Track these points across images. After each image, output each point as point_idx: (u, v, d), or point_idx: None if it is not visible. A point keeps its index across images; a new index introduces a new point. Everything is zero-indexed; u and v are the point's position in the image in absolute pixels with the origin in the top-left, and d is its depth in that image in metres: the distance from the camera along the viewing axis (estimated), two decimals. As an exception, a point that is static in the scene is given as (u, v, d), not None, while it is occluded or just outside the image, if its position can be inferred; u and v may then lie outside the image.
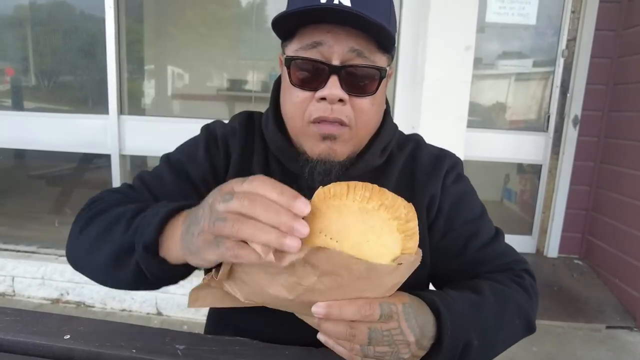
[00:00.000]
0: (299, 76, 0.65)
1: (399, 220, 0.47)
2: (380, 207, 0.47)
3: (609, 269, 2.74)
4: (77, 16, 2.62)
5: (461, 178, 0.78)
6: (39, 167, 2.96)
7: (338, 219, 0.46)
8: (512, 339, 0.66)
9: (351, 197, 0.47)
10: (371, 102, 0.67)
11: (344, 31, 0.61)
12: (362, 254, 0.45)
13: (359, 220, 0.46)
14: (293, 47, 0.66)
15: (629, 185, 2.59)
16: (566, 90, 2.89)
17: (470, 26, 2.06)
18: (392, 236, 0.47)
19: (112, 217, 0.63)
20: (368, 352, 0.49)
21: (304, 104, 0.66)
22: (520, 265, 0.74)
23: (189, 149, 0.77)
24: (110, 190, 0.75)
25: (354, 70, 0.63)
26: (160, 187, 0.73)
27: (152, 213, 0.57)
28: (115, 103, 2.46)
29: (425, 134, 2.17)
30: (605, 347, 2.23)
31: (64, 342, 0.65)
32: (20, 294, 2.53)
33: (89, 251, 0.64)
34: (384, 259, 0.46)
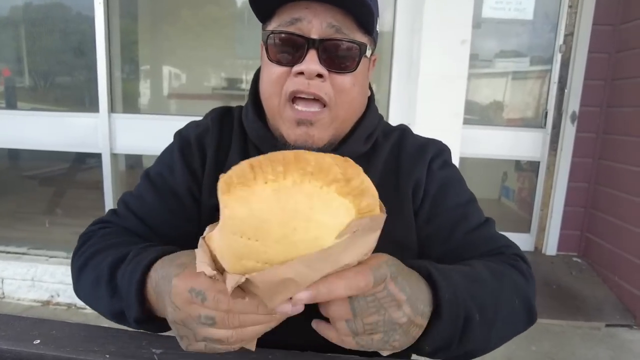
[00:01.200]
0: (277, 51, 0.63)
1: (337, 183, 0.38)
2: (304, 177, 0.37)
3: (608, 266, 2.71)
4: (68, 15, 2.59)
5: (448, 165, 0.76)
6: (30, 167, 2.92)
7: (249, 214, 0.37)
8: (512, 322, 0.60)
9: (260, 178, 0.37)
10: (352, 80, 0.64)
11: (322, 7, 0.60)
12: (295, 247, 0.37)
13: (275, 207, 0.36)
14: (272, 26, 0.65)
15: (628, 182, 2.56)
16: (564, 86, 2.86)
17: (466, 20, 2.03)
18: (332, 206, 0.38)
19: (95, 274, 0.62)
20: (357, 327, 0.43)
21: (282, 79, 0.64)
22: (511, 250, 0.71)
23: (166, 159, 0.76)
24: (98, 223, 0.74)
25: (333, 45, 0.62)
26: (144, 208, 0.72)
27: (127, 278, 0.56)
28: (105, 101, 2.43)
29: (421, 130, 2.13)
30: (605, 346, 2.20)
31: (34, 347, 0.62)
32: (9, 296, 2.49)
33: (90, 303, 0.67)
34: (327, 239, 0.37)
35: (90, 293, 0.64)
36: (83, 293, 0.67)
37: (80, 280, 0.66)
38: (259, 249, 0.37)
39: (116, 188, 2.57)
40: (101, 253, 0.64)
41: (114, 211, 0.75)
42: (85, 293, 0.66)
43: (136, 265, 0.55)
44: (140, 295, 0.53)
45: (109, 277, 0.59)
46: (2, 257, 2.55)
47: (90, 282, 0.63)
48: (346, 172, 0.39)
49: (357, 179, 0.39)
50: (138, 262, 0.55)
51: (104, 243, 0.66)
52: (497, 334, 0.57)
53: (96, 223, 0.75)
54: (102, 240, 0.67)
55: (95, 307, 0.65)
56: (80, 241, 0.72)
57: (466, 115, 2.77)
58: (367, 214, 0.40)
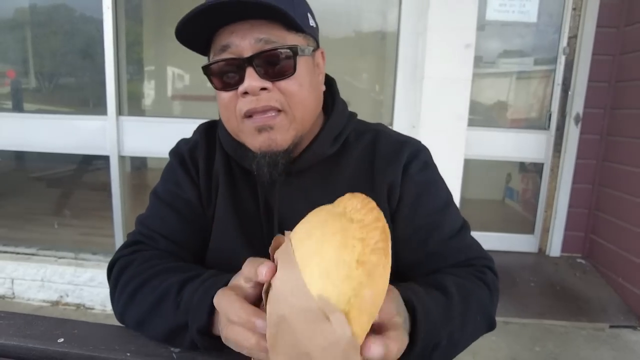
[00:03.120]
0: (219, 79, 0.66)
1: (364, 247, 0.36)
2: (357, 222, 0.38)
3: (612, 267, 2.72)
4: (76, 18, 2.61)
5: (426, 166, 0.75)
6: (38, 169, 2.95)
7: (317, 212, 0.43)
8: (474, 336, 0.65)
9: (344, 205, 0.41)
10: (297, 82, 0.65)
11: (247, 25, 0.62)
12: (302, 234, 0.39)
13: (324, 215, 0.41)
14: (210, 57, 0.68)
15: (632, 183, 2.57)
16: (568, 87, 2.87)
17: (470, 24, 2.05)
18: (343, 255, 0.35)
19: (158, 292, 0.62)
20: None
21: (232, 102, 0.66)
22: (482, 261, 0.72)
23: (170, 177, 0.79)
24: (128, 247, 0.74)
25: (266, 56, 0.63)
26: (165, 226, 0.74)
27: (202, 291, 0.56)
28: (113, 104, 2.45)
29: (426, 132, 2.15)
30: (609, 347, 2.21)
31: (58, 346, 0.64)
32: (19, 297, 2.53)
33: (140, 324, 0.64)
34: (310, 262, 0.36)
35: (146, 313, 0.62)
36: (134, 317, 0.65)
37: (132, 304, 0.64)
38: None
39: (124, 190, 2.60)
40: (160, 275, 0.64)
41: (138, 232, 0.76)
42: (138, 315, 0.64)
43: (214, 282, 0.56)
44: (212, 307, 0.52)
45: (177, 293, 0.59)
46: (13, 257, 2.58)
47: (150, 302, 0.62)
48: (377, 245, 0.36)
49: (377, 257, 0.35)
50: (218, 280, 0.56)
51: (157, 267, 0.66)
52: (458, 350, 0.61)
53: (125, 247, 0.74)
54: (150, 264, 0.67)
55: (148, 327, 0.63)
56: (117, 268, 0.70)
57: (471, 116, 2.79)
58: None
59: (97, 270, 2.47)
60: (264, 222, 0.74)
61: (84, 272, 2.47)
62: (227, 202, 0.74)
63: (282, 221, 0.73)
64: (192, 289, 0.58)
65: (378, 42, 2.48)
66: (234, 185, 0.76)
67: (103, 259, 2.60)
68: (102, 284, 2.45)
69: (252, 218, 0.74)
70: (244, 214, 0.74)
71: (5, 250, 2.66)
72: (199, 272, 0.62)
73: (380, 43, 2.47)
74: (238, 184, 0.76)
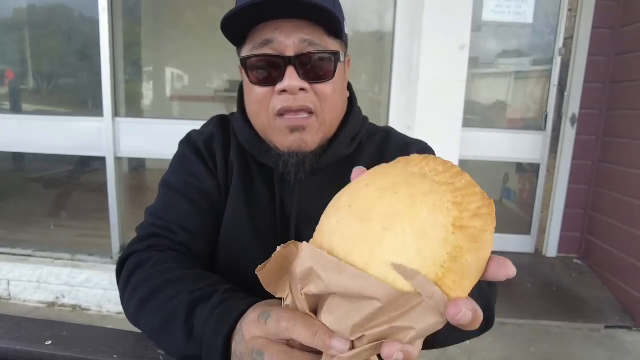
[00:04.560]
0: (257, 74, 0.66)
1: (462, 212, 0.32)
2: (446, 184, 0.34)
3: (608, 268, 2.73)
4: (73, 19, 2.62)
5: None
6: (35, 169, 2.95)
7: (387, 169, 0.38)
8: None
9: (420, 164, 0.37)
10: (332, 87, 0.68)
11: (291, 24, 0.63)
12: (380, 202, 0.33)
13: (403, 174, 0.35)
14: (246, 49, 0.67)
15: (628, 184, 2.57)
16: (564, 88, 2.88)
17: (465, 25, 2.06)
18: (437, 216, 0.32)
19: (167, 310, 0.57)
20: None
21: (266, 99, 0.67)
22: None
23: (183, 166, 0.77)
24: (143, 240, 0.70)
25: (308, 58, 0.65)
26: (180, 216, 0.72)
27: (212, 327, 0.50)
28: (109, 106, 2.45)
29: (421, 133, 2.16)
30: (604, 347, 2.21)
31: (46, 348, 0.64)
32: (15, 298, 2.52)
33: (152, 337, 0.62)
34: (402, 221, 0.32)
35: (159, 329, 0.59)
36: (149, 327, 0.61)
37: (143, 313, 0.61)
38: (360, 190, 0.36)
39: (120, 191, 2.61)
40: (169, 286, 0.60)
41: (151, 224, 0.72)
42: (151, 327, 0.61)
43: (224, 314, 0.50)
44: (227, 350, 0.48)
45: (186, 317, 0.54)
46: (9, 259, 2.58)
47: (160, 318, 0.58)
48: (480, 209, 0.33)
49: (482, 222, 0.32)
50: (227, 308, 0.50)
51: (166, 274, 0.62)
52: (460, 334, 0.57)
53: (140, 240, 0.71)
54: (163, 270, 0.63)
55: (161, 343, 0.60)
56: (129, 265, 0.67)
57: (467, 116, 2.80)
58: (445, 287, 0.31)
59: (94, 272, 2.47)
60: (279, 218, 0.74)
61: (81, 274, 2.47)
62: (240, 195, 0.74)
63: (298, 219, 0.73)
64: (202, 317, 0.53)
65: (374, 44, 2.49)
66: (250, 179, 0.75)
67: (100, 260, 2.60)
68: (99, 285, 2.45)
69: (265, 214, 0.74)
70: (257, 209, 0.74)
71: (1, 252, 2.66)
72: (209, 289, 0.57)
73: (376, 44, 2.47)
74: (254, 179, 0.75)
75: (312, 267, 0.34)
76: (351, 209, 0.35)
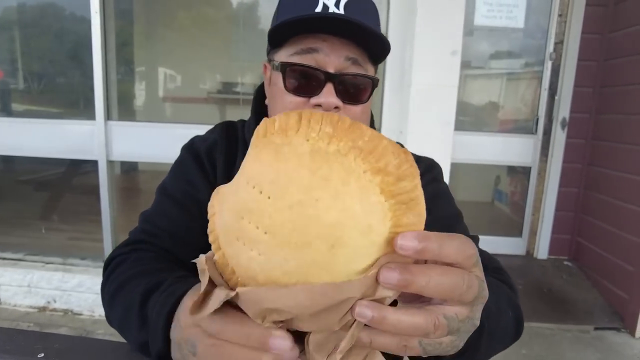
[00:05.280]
0: (294, 82, 0.65)
1: (385, 176, 0.30)
2: (350, 150, 0.30)
3: (597, 270, 2.76)
4: (65, 23, 2.60)
5: (437, 181, 0.78)
6: (25, 172, 2.92)
7: (274, 165, 0.31)
8: (506, 334, 0.58)
9: (303, 133, 0.31)
10: (362, 109, 0.68)
11: (339, 40, 0.62)
12: (306, 223, 0.29)
13: (306, 167, 0.30)
14: (285, 53, 0.66)
15: (616, 187, 2.61)
16: (554, 92, 2.91)
17: (457, 31, 2.08)
18: (367, 198, 0.29)
19: (126, 302, 0.58)
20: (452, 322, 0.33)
21: (298, 108, 0.65)
22: (495, 263, 0.71)
23: (181, 173, 0.77)
24: (128, 245, 0.71)
25: (349, 78, 0.64)
26: (171, 224, 0.72)
27: (157, 309, 0.50)
28: (102, 109, 2.44)
29: (413, 138, 2.16)
30: (594, 349, 2.24)
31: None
32: (6, 302, 2.50)
33: (121, 332, 0.62)
34: (345, 233, 0.29)
35: (121, 321, 0.60)
36: (116, 321, 0.62)
37: (113, 308, 0.63)
38: (267, 209, 0.30)
39: (112, 195, 2.59)
40: (134, 280, 0.61)
41: (139, 230, 0.73)
42: (117, 321, 0.62)
43: (168, 296, 0.49)
44: (166, 327, 0.47)
45: (140, 305, 0.55)
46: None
47: (121, 310, 0.59)
48: (401, 165, 0.30)
49: (409, 182, 0.31)
50: (171, 292, 0.49)
51: (136, 269, 0.63)
52: (495, 345, 0.55)
53: (125, 245, 0.72)
54: (135, 266, 0.65)
55: (125, 336, 0.60)
56: (111, 266, 0.68)
57: (460, 117, 2.82)
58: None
59: (86, 276, 2.45)
60: None
61: (72, 278, 2.45)
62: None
63: None
64: (153, 304, 0.52)
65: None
66: None
67: (92, 264, 2.59)
68: (91, 289, 2.44)
69: None
70: None
71: (-9, 256, 2.63)
72: (163, 279, 0.56)
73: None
74: None
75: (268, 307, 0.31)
76: (275, 239, 0.30)
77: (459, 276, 0.31)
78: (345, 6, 0.63)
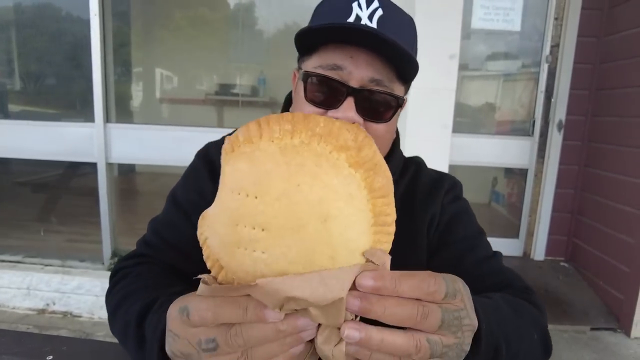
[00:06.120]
0: (315, 93, 0.63)
1: (348, 151, 0.36)
2: (312, 138, 0.36)
3: (593, 271, 2.79)
4: (64, 27, 2.60)
5: (459, 198, 0.79)
6: (24, 173, 2.91)
7: (252, 169, 0.35)
8: (532, 356, 0.59)
9: (266, 136, 0.36)
10: (386, 128, 0.65)
11: (366, 57, 0.60)
12: (296, 208, 0.34)
13: (279, 161, 0.34)
14: (312, 64, 0.64)
15: (612, 189, 2.64)
16: (551, 95, 2.94)
17: (455, 35, 2.10)
18: (340, 172, 0.35)
19: (125, 319, 0.59)
20: (436, 346, 0.37)
21: None
22: (521, 282, 0.71)
23: (193, 183, 0.76)
24: (133, 257, 0.73)
25: (371, 95, 0.61)
26: (178, 236, 0.72)
27: (150, 331, 0.53)
28: (101, 112, 2.45)
29: (411, 141, 2.17)
30: (590, 349, 2.27)
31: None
32: (4, 305, 2.49)
33: (123, 344, 0.63)
34: (332, 206, 0.34)
35: (120, 337, 0.62)
36: (117, 335, 0.64)
37: (115, 320, 0.64)
38: (257, 208, 0.34)
39: (111, 196, 2.60)
40: (132, 296, 0.62)
41: (145, 243, 0.74)
42: (118, 335, 0.63)
43: (160, 316, 0.51)
44: (161, 349, 0.49)
45: (136, 325, 0.56)
46: (-3, 265, 2.56)
47: (121, 325, 0.61)
48: (357, 138, 0.36)
49: (368, 149, 0.36)
50: (163, 311, 0.49)
51: (137, 284, 0.65)
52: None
53: (130, 257, 0.73)
54: (136, 281, 0.66)
55: (126, 349, 0.62)
56: (116, 277, 0.69)
57: (459, 119, 2.84)
58: (380, 197, 0.36)
59: (85, 278, 2.46)
60: None
61: (71, 280, 2.45)
62: None
63: None
64: (147, 324, 0.54)
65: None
66: None
67: (91, 266, 2.59)
68: (90, 291, 2.44)
69: None
70: None
71: (-10, 258, 2.63)
72: (162, 292, 0.58)
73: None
74: None
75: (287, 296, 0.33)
76: (272, 232, 0.34)
77: (413, 308, 0.35)
78: (380, 20, 0.60)
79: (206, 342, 0.38)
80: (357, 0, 0.61)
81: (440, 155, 2.10)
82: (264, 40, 2.69)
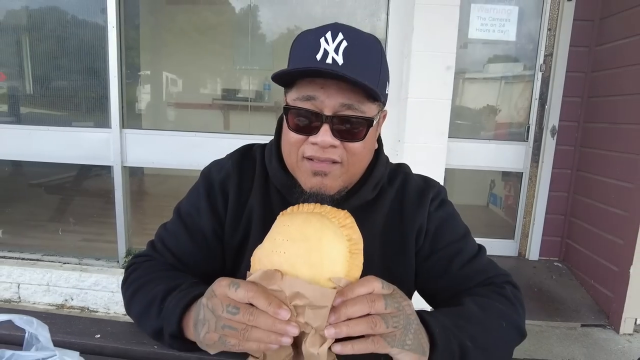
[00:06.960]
0: (295, 122, 0.72)
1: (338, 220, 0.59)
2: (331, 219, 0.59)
3: (585, 270, 2.90)
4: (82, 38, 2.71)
5: (444, 203, 0.86)
6: (40, 175, 3.03)
7: (291, 222, 0.59)
8: (506, 343, 0.71)
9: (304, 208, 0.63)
10: (362, 145, 0.73)
11: (335, 86, 0.68)
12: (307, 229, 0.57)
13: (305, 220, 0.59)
14: (292, 96, 0.73)
15: (602, 192, 2.75)
16: (544, 102, 3.05)
17: (451, 48, 2.22)
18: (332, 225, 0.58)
19: (149, 297, 0.72)
20: (387, 323, 0.52)
21: (299, 144, 0.73)
22: (501, 278, 0.81)
23: (194, 200, 0.86)
24: (141, 256, 0.86)
25: (344, 119, 0.70)
26: (179, 247, 0.83)
27: (174, 302, 0.66)
28: (117, 118, 2.58)
29: (410, 147, 2.30)
30: (580, 344, 2.37)
31: (96, 341, 0.78)
32: (25, 300, 2.63)
33: (137, 320, 0.77)
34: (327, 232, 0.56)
35: (140, 313, 0.74)
36: (135, 313, 0.76)
37: (132, 303, 0.76)
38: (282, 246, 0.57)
39: (126, 199, 2.73)
40: (154, 281, 0.75)
41: (153, 246, 0.86)
42: (136, 313, 0.76)
43: (186, 294, 0.66)
44: (181, 315, 0.64)
45: (161, 300, 0.69)
46: (18, 263, 2.69)
47: (143, 305, 0.72)
48: (346, 217, 0.61)
49: (352, 222, 0.61)
50: (189, 292, 0.66)
51: (154, 274, 0.78)
52: (495, 354, 0.68)
53: (141, 255, 0.86)
54: (150, 271, 0.79)
55: (142, 326, 0.74)
56: (130, 269, 0.83)
57: (458, 121, 2.95)
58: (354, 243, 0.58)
59: (101, 275, 2.59)
60: None
61: (89, 277, 2.59)
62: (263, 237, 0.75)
63: None
64: (171, 298, 0.68)
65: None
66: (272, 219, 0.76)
67: (106, 265, 2.72)
68: (106, 288, 2.57)
69: None
70: None
71: (11, 256, 2.76)
72: (183, 281, 0.72)
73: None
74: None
75: (299, 292, 0.52)
76: (289, 242, 0.57)
77: (368, 324, 0.51)
78: (345, 50, 0.68)
79: (233, 308, 0.52)
80: (324, 35, 0.69)
81: (437, 160, 2.22)
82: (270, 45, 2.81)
